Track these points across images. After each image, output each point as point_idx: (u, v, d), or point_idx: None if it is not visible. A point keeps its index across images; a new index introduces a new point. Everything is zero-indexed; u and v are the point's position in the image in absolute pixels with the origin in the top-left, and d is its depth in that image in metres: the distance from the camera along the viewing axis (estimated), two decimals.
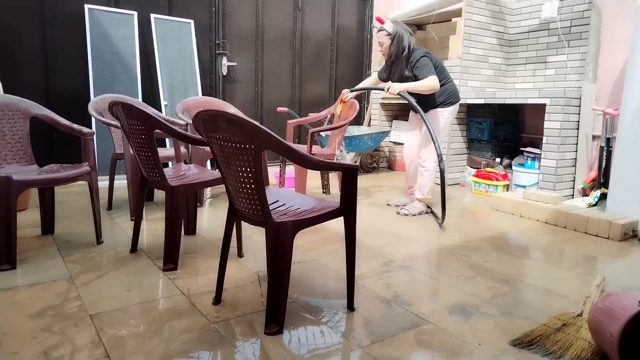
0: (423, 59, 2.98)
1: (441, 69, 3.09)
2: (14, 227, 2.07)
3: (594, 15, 3.87)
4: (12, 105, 2.52)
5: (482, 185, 4.07)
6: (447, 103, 3.13)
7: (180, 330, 1.57)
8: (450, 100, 3.14)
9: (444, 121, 3.15)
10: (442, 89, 3.08)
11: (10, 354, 1.40)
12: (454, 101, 3.16)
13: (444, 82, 3.09)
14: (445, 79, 3.12)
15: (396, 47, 3.01)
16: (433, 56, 3.06)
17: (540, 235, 2.87)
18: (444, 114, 3.14)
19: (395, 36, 2.99)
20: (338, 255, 2.40)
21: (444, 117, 3.15)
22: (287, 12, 5.23)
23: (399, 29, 3.00)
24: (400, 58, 3.03)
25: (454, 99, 3.16)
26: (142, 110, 2.03)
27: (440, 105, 3.13)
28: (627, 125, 3.01)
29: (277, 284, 1.54)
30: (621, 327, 1.29)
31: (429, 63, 2.97)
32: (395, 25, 3.01)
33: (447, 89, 3.12)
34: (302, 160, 1.56)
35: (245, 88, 5.08)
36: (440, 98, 3.11)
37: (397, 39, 2.99)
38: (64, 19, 4.03)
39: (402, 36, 2.99)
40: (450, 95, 3.13)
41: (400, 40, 2.99)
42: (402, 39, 2.99)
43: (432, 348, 1.51)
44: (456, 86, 3.22)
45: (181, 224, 2.17)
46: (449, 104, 3.14)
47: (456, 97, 3.18)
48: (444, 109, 3.14)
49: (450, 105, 3.15)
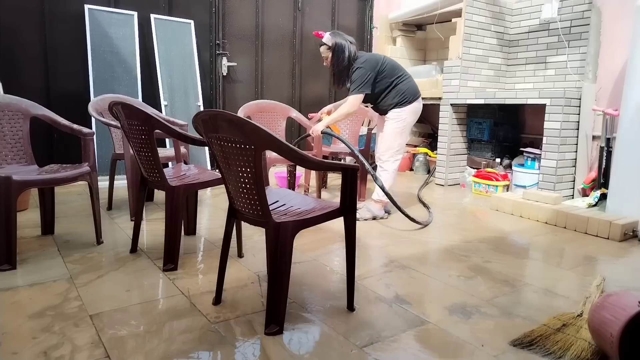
0: (356, 72, 2.92)
1: (390, 72, 2.99)
2: (14, 227, 2.07)
3: (594, 15, 3.87)
4: (12, 106, 2.52)
5: (482, 186, 4.07)
6: (403, 102, 3.02)
7: (180, 330, 1.57)
8: (407, 99, 3.02)
9: (403, 122, 3.04)
10: (396, 89, 3.00)
11: (10, 354, 1.40)
12: (411, 99, 3.03)
13: (397, 82, 3.00)
14: (399, 78, 3.01)
15: (336, 59, 2.95)
16: (375, 63, 2.95)
17: (540, 236, 2.87)
18: (401, 115, 3.02)
19: (335, 48, 2.94)
20: (338, 255, 2.40)
21: (400, 118, 3.03)
22: (287, 12, 5.23)
23: (337, 40, 2.94)
24: (340, 69, 2.97)
25: (411, 97, 3.04)
26: (142, 111, 2.03)
27: (397, 106, 3.02)
28: (627, 125, 3.01)
29: (277, 284, 1.54)
30: (621, 327, 1.29)
31: (362, 77, 2.90)
32: (333, 37, 2.95)
33: (401, 88, 3.01)
34: (302, 160, 1.56)
35: (245, 88, 5.08)
36: (396, 99, 3.01)
37: (337, 51, 2.93)
38: (64, 19, 4.03)
39: (342, 47, 2.93)
40: (405, 94, 3.01)
41: (340, 52, 2.93)
42: (341, 50, 2.93)
43: (432, 348, 1.51)
44: (414, 83, 3.09)
45: (181, 224, 2.17)
46: (405, 103, 3.02)
47: (414, 94, 3.05)
48: (400, 109, 3.02)
49: (408, 104, 3.03)
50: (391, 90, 3.01)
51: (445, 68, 4.50)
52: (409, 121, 3.08)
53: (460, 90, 4.36)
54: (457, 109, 4.49)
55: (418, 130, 5.55)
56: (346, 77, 2.99)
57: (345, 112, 2.97)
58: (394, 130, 3.04)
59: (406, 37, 5.54)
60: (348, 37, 2.99)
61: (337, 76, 3.02)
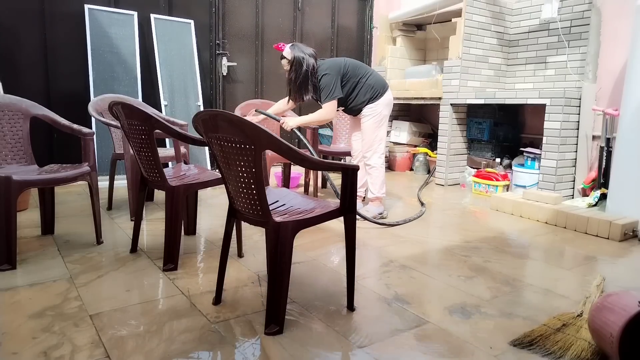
0: (323, 79, 2.91)
1: (354, 72, 3.00)
2: (14, 227, 2.07)
3: (594, 15, 3.87)
4: (12, 106, 2.52)
5: (482, 186, 4.07)
6: (375, 97, 3.03)
7: (180, 330, 1.57)
8: (378, 92, 3.04)
9: (379, 116, 3.05)
10: (365, 87, 3.01)
11: (10, 354, 1.40)
12: (381, 92, 3.05)
13: (363, 79, 3.01)
14: (365, 75, 3.03)
15: (294, 72, 2.92)
16: (338, 67, 2.96)
17: (540, 236, 2.87)
18: (376, 109, 3.03)
19: (293, 62, 2.91)
20: (338, 255, 2.40)
21: (376, 111, 3.03)
22: (287, 12, 5.23)
23: (295, 53, 2.91)
24: (298, 83, 2.93)
25: (382, 90, 3.06)
26: (142, 110, 2.04)
27: (370, 101, 3.03)
28: (627, 125, 3.01)
29: (277, 284, 1.54)
30: (621, 327, 1.29)
31: (330, 83, 2.90)
32: (292, 50, 2.92)
33: (369, 84, 3.03)
34: (301, 160, 1.56)
35: (245, 88, 5.08)
36: (367, 95, 3.02)
37: (295, 65, 2.90)
38: (64, 19, 4.03)
39: (300, 60, 2.89)
40: (375, 88, 3.03)
41: (298, 66, 2.89)
42: (299, 64, 2.89)
43: (432, 348, 1.51)
44: (380, 76, 3.12)
45: (181, 224, 2.17)
46: (378, 96, 3.04)
47: (382, 86, 3.07)
48: (374, 104, 3.03)
49: (380, 97, 3.05)
50: (360, 88, 3.02)
51: (445, 68, 4.50)
52: (384, 113, 3.09)
53: (460, 90, 4.36)
54: (457, 109, 4.49)
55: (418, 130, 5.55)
56: (304, 90, 2.95)
57: (320, 118, 2.97)
58: (372, 125, 3.05)
59: (406, 37, 5.54)
60: (308, 49, 2.95)
61: (296, 89, 2.97)
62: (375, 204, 3.16)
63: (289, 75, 2.98)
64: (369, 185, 3.16)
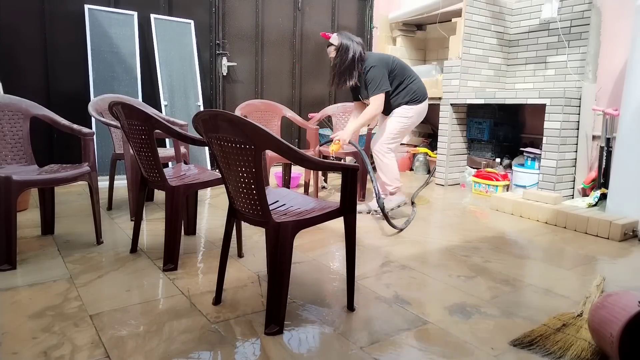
0: (371, 71, 2.91)
1: (401, 71, 3.00)
2: (14, 227, 2.07)
3: (594, 15, 3.87)
4: (12, 106, 2.52)
5: (482, 186, 4.07)
6: (414, 101, 3.03)
7: (180, 330, 1.57)
8: (418, 98, 3.04)
9: (408, 120, 3.04)
10: (406, 89, 3.00)
11: (10, 354, 1.40)
12: (421, 99, 3.06)
13: (407, 82, 3.01)
14: (409, 78, 3.03)
15: (340, 59, 2.95)
16: (387, 61, 2.96)
17: (540, 236, 2.87)
18: (409, 112, 3.03)
19: (340, 48, 2.94)
20: (338, 255, 2.40)
21: (407, 115, 3.03)
22: (287, 12, 5.23)
23: (343, 40, 2.94)
24: (342, 69, 2.95)
25: (422, 97, 3.07)
26: (142, 111, 2.03)
27: (407, 103, 3.04)
28: (627, 125, 3.01)
29: (277, 284, 1.54)
30: (621, 327, 1.29)
31: (378, 75, 2.90)
32: (339, 37, 2.95)
33: (411, 88, 3.03)
34: (302, 160, 1.56)
35: (245, 88, 5.08)
36: (406, 98, 3.02)
37: (342, 51, 2.93)
38: (64, 19, 4.03)
39: (347, 47, 2.92)
40: (416, 93, 3.04)
41: (345, 52, 2.92)
42: (346, 50, 2.92)
43: (432, 348, 1.51)
44: (423, 84, 3.12)
45: (181, 224, 2.17)
46: (417, 101, 3.04)
47: (423, 95, 3.08)
48: (409, 107, 3.03)
49: (419, 102, 3.05)
50: (402, 89, 3.01)
51: (445, 68, 4.50)
52: (413, 120, 3.08)
53: (460, 90, 4.36)
54: (457, 109, 4.49)
55: (418, 130, 5.55)
56: (349, 76, 2.97)
57: (371, 114, 2.96)
58: (398, 124, 3.03)
59: (406, 37, 5.54)
60: (355, 38, 2.98)
61: (339, 76, 2.99)
62: (396, 196, 3.13)
63: (334, 62, 3.00)
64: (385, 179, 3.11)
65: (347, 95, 5.41)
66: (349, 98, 3.42)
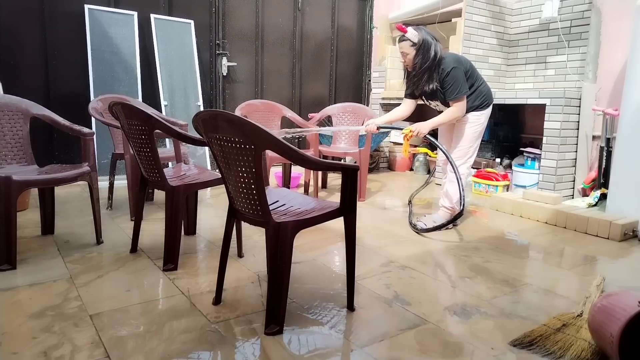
0: (453, 72, 2.64)
1: (472, 72, 2.79)
2: (14, 227, 2.07)
3: (594, 15, 3.87)
4: (12, 106, 2.52)
5: (482, 186, 4.07)
6: (483, 106, 2.83)
7: (180, 330, 1.57)
8: (487, 102, 2.84)
9: (481, 127, 2.85)
10: (477, 91, 2.81)
11: (10, 354, 1.40)
12: (489, 102, 2.87)
13: (478, 84, 2.82)
14: (478, 80, 2.83)
15: (421, 58, 2.66)
16: (464, 62, 2.75)
17: (540, 236, 2.87)
18: (480, 119, 2.83)
19: (421, 45, 2.64)
20: (338, 255, 2.40)
21: (479, 122, 2.83)
22: (287, 12, 5.23)
23: (425, 37, 2.65)
24: (423, 69, 2.69)
25: (489, 101, 2.87)
26: (142, 111, 2.03)
27: (477, 109, 2.81)
28: (627, 125, 3.01)
29: (277, 284, 1.54)
30: (621, 327, 1.29)
31: (460, 78, 2.66)
32: (420, 33, 2.66)
33: (482, 91, 2.82)
34: (302, 160, 1.56)
35: (245, 88, 5.08)
36: (477, 101, 2.81)
37: (423, 49, 2.64)
38: (64, 19, 4.03)
39: (429, 45, 2.65)
40: (485, 97, 2.84)
41: (426, 50, 2.64)
42: (428, 48, 2.64)
43: (432, 348, 1.51)
44: (489, 86, 2.92)
45: (181, 224, 2.17)
46: (485, 106, 2.84)
47: (491, 98, 2.88)
48: (480, 112, 2.82)
49: (487, 107, 2.85)
50: (474, 92, 2.80)
51: None
52: (485, 125, 2.88)
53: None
54: None
55: None
56: (430, 79, 2.70)
57: (452, 116, 2.73)
58: (473, 134, 2.83)
59: None
60: (432, 33, 2.73)
61: (418, 78, 2.72)
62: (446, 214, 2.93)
63: (413, 61, 2.70)
64: (445, 194, 2.92)
65: (347, 96, 5.43)
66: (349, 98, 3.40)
